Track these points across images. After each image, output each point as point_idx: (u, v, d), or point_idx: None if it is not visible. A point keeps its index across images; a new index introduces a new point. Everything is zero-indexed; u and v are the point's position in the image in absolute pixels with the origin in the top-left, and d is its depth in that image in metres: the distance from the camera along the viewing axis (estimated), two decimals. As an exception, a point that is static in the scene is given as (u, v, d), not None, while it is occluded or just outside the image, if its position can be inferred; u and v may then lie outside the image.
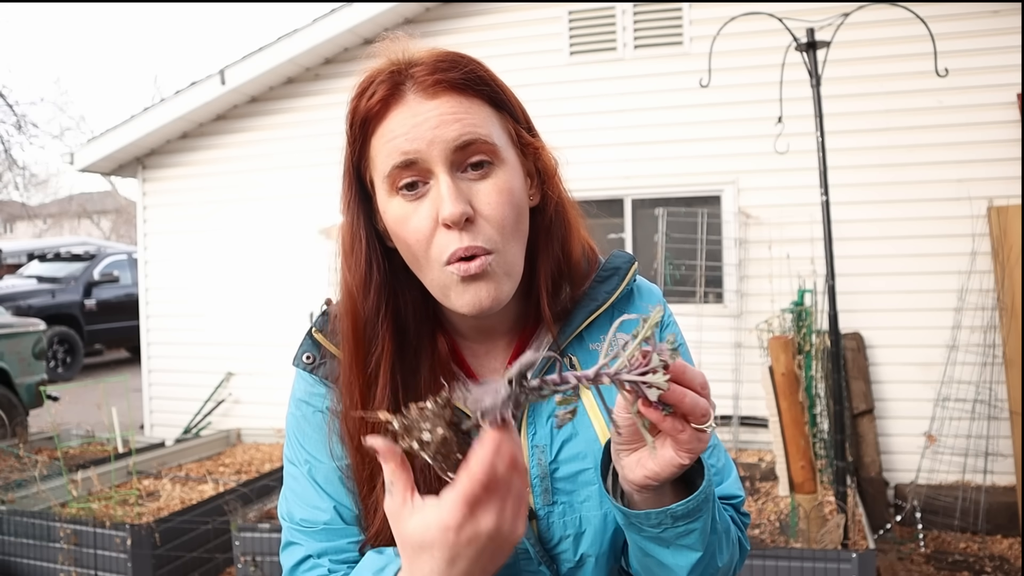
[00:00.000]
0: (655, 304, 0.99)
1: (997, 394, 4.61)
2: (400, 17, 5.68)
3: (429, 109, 0.80)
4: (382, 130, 0.82)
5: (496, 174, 0.82)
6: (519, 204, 0.84)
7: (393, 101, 0.82)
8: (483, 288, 0.81)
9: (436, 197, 0.80)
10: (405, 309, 0.90)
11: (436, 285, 0.84)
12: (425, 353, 0.89)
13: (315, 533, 0.88)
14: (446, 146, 0.79)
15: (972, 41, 4.68)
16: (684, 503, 0.74)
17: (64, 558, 3.60)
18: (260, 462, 5.37)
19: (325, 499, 0.89)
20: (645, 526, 0.76)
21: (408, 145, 0.80)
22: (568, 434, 0.89)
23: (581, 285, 0.93)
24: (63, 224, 31.83)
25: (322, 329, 0.94)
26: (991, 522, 4.41)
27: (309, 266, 5.95)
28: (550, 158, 0.91)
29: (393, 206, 0.83)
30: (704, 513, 0.76)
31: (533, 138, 0.90)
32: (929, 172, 4.80)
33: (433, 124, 0.80)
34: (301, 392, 0.94)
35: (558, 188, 0.92)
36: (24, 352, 6.49)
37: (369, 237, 0.88)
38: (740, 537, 0.92)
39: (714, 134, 5.19)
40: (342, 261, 0.90)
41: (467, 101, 0.82)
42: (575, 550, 0.88)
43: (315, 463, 0.91)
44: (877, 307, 4.87)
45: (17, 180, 17.47)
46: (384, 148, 0.82)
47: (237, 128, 6.31)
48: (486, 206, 0.81)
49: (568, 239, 0.92)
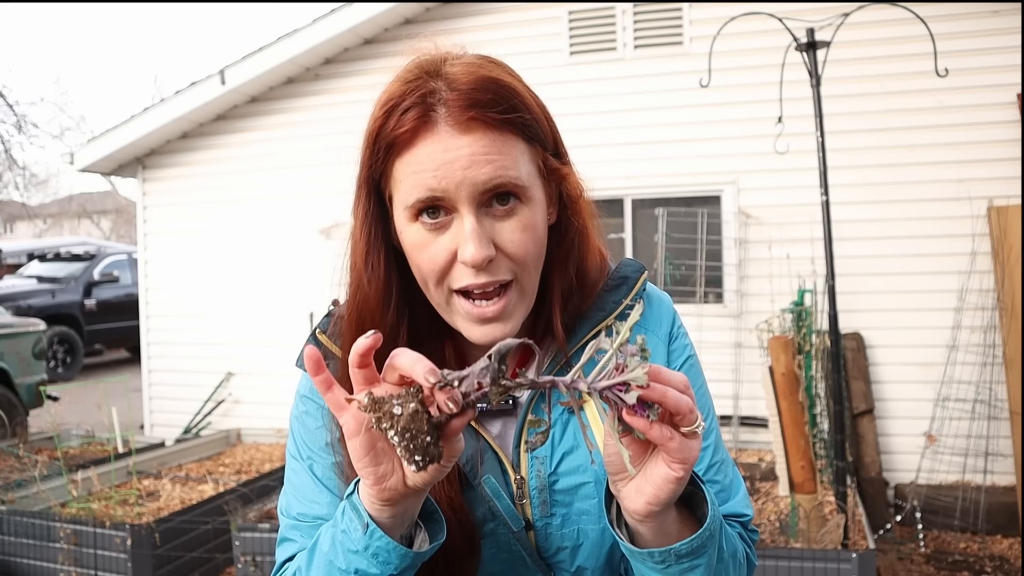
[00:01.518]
0: (666, 310, 0.98)
1: (997, 394, 4.61)
2: (400, 17, 5.68)
3: (462, 146, 0.77)
4: (408, 158, 0.79)
5: (521, 212, 0.81)
6: (541, 238, 0.83)
7: (423, 129, 0.78)
8: (498, 327, 0.81)
9: (459, 234, 0.79)
10: (417, 318, 0.89)
11: (443, 310, 0.84)
12: (434, 359, 0.89)
13: (309, 528, 0.88)
14: (475, 188, 0.77)
15: (972, 41, 4.68)
16: (688, 542, 0.73)
17: (64, 558, 3.60)
18: (260, 462, 5.37)
19: (323, 493, 0.89)
20: (649, 563, 0.75)
21: (436, 183, 0.77)
22: (569, 447, 0.88)
23: (591, 294, 0.92)
24: (63, 224, 31.83)
25: (326, 331, 0.93)
26: (991, 522, 4.41)
27: (309, 266, 5.95)
28: (576, 184, 0.89)
29: (411, 232, 0.81)
30: (709, 548, 0.75)
31: (562, 163, 0.88)
32: (929, 172, 4.80)
33: (464, 164, 0.76)
34: (305, 388, 0.95)
35: (581, 214, 0.90)
36: (24, 352, 6.49)
37: (387, 251, 0.86)
38: (748, 553, 0.91)
39: (714, 134, 5.19)
40: (357, 272, 0.87)
41: (500, 138, 0.78)
42: (572, 561, 0.89)
43: (316, 458, 0.91)
44: (877, 307, 4.87)
45: (17, 180, 17.46)
46: (410, 179, 0.79)
47: (237, 128, 6.31)
48: (509, 243, 0.80)
49: (584, 258, 0.91)
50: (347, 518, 0.74)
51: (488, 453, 0.88)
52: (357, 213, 0.87)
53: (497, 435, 0.91)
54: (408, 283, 0.88)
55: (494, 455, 0.88)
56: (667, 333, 0.96)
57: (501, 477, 0.88)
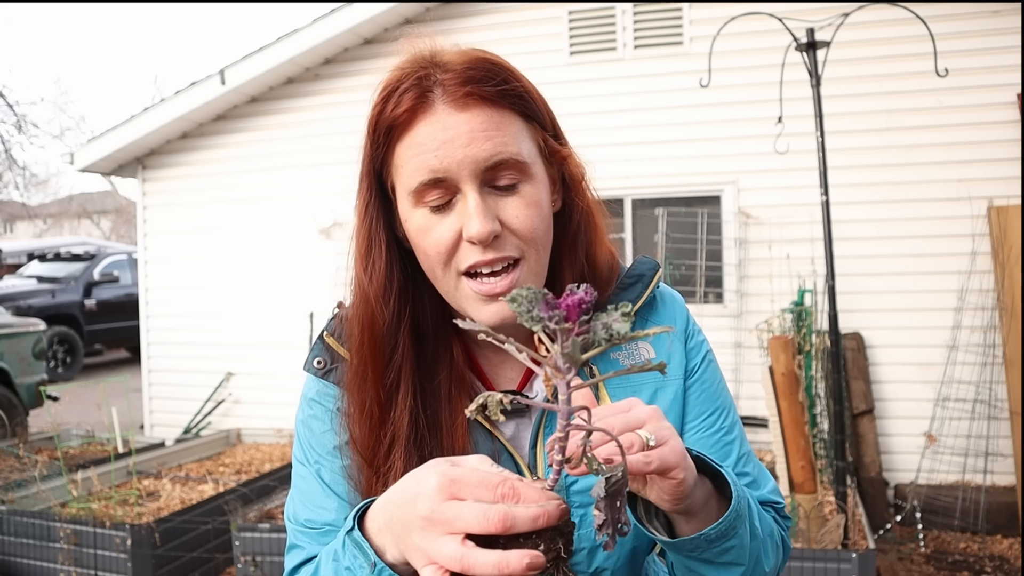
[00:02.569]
0: (679, 308, 0.97)
1: (997, 394, 4.60)
2: (400, 17, 5.68)
3: (460, 123, 0.77)
4: (408, 140, 0.79)
5: (523, 190, 0.81)
6: (546, 216, 0.83)
7: (421, 110, 0.78)
8: (507, 305, 0.80)
9: (463, 213, 0.79)
10: (424, 314, 0.89)
11: (452, 296, 0.83)
12: (443, 359, 0.89)
13: (317, 535, 0.88)
14: (477, 166, 0.77)
15: (972, 41, 4.68)
16: (716, 526, 0.73)
17: (64, 558, 3.60)
18: (260, 462, 5.37)
19: (331, 498, 0.88)
20: (684, 551, 0.76)
21: (438, 163, 0.77)
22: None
23: (604, 292, 0.91)
24: (63, 224, 31.82)
25: (333, 333, 0.92)
26: (991, 522, 4.41)
27: (309, 266, 5.95)
28: (577, 165, 0.89)
29: (416, 217, 0.81)
30: (739, 529, 0.75)
31: (561, 145, 0.87)
32: (929, 172, 4.80)
33: (464, 142, 0.77)
34: (312, 392, 0.93)
35: (585, 195, 0.90)
36: (24, 352, 6.49)
37: (389, 243, 0.86)
38: (783, 536, 0.92)
39: (714, 134, 5.19)
40: (359, 266, 0.87)
41: (498, 115, 0.79)
42: (589, 563, 0.87)
43: (324, 462, 0.90)
44: (877, 307, 4.87)
45: (17, 180, 17.45)
46: (412, 161, 0.79)
47: (237, 128, 6.31)
48: (515, 219, 0.80)
49: (594, 246, 0.91)
50: (350, 554, 0.70)
51: (504, 455, 0.87)
52: (359, 206, 0.87)
53: (511, 436, 0.90)
54: (413, 279, 0.87)
55: (509, 457, 0.87)
56: (683, 331, 0.96)
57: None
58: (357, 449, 0.87)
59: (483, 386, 0.91)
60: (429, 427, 0.86)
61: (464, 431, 0.86)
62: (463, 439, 0.85)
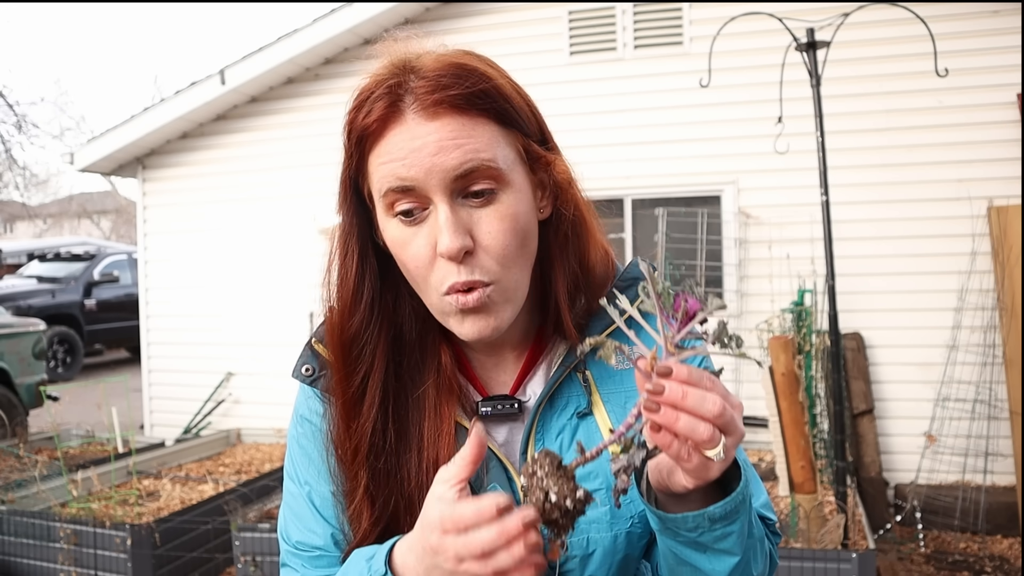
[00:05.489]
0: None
1: (997, 394, 4.60)
2: (400, 17, 5.68)
3: (428, 132, 0.75)
4: (379, 149, 0.78)
5: (500, 200, 0.78)
6: (524, 228, 0.80)
7: (391, 119, 0.77)
8: (482, 320, 0.79)
9: (434, 226, 0.77)
10: (406, 321, 0.88)
11: (436, 310, 0.83)
12: (429, 367, 0.87)
13: (309, 558, 0.88)
14: (445, 175, 0.75)
15: (972, 41, 4.68)
16: (722, 504, 0.71)
17: (64, 558, 3.60)
18: (260, 462, 5.37)
19: (321, 524, 0.88)
20: (682, 530, 0.73)
21: (405, 171, 0.76)
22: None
23: (598, 294, 0.89)
24: (63, 224, 31.82)
25: (322, 340, 0.92)
26: (991, 522, 4.41)
27: (309, 266, 5.93)
28: (564, 170, 0.86)
29: (391, 227, 0.81)
30: (742, 515, 0.74)
31: (547, 149, 0.85)
32: (929, 172, 4.80)
33: (432, 151, 0.75)
34: (302, 408, 0.93)
35: (575, 199, 0.87)
36: (24, 352, 6.49)
37: (363, 252, 0.85)
38: (771, 550, 0.90)
39: (714, 134, 5.19)
40: (328, 274, 0.87)
41: (470, 122, 0.76)
42: (582, 571, 0.86)
43: (314, 485, 0.89)
44: (877, 307, 4.87)
45: (17, 180, 17.47)
46: (380, 169, 0.78)
47: (237, 128, 6.31)
48: (487, 235, 0.78)
49: (586, 250, 0.89)
50: None
51: (493, 461, 0.86)
52: (337, 213, 0.87)
53: (503, 443, 0.88)
54: (396, 287, 0.87)
55: (499, 463, 0.86)
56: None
57: (507, 485, 0.85)
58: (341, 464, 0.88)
59: (475, 390, 0.90)
60: (404, 438, 0.85)
61: (451, 439, 0.84)
62: (449, 448, 0.83)
